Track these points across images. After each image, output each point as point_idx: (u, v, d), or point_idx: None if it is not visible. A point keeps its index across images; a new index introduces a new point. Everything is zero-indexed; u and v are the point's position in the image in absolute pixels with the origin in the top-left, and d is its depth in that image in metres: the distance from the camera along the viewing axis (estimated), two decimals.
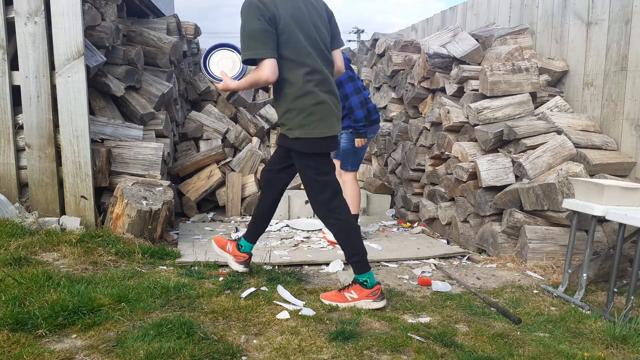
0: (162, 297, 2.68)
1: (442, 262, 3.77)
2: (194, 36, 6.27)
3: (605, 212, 2.77)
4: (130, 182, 3.88)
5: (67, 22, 3.69)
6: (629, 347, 2.34)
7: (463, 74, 4.34)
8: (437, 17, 6.47)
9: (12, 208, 3.65)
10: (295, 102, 2.59)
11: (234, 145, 5.83)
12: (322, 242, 4.20)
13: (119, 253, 3.36)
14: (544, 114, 4.00)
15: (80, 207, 3.82)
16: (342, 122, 3.62)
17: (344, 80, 3.97)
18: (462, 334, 2.46)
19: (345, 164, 4.25)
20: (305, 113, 2.59)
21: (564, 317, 2.68)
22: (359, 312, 2.64)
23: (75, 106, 3.76)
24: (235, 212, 5.34)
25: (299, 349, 2.20)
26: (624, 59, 3.75)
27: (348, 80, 3.99)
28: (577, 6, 4.20)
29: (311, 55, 2.59)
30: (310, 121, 2.60)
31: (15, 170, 3.84)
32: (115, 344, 2.16)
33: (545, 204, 3.43)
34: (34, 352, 2.02)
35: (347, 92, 3.98)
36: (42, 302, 2.44)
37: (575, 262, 3.18)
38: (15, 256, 2.99)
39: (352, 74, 4.10)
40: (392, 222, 5.12)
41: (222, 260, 3.26)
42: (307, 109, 2.58)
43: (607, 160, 3.62)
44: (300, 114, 2.59)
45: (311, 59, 2.58)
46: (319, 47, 2.63)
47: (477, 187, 3.91)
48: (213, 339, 2.24)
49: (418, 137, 4.96)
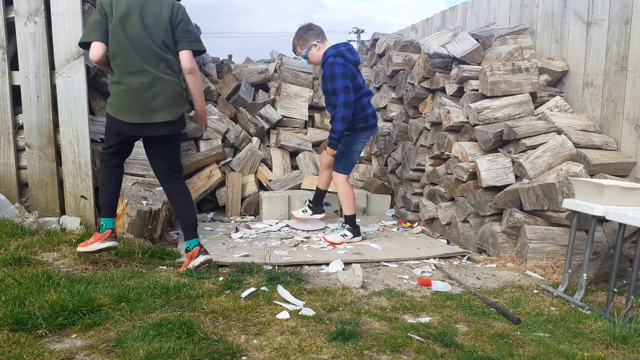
0: (162, 297, 2.68)
1: (442, 262, 3.77)
2: None
3: (605, 212, 2.77)
4: (130, 182, 3.88)
5: (67, 22, 3.69)
6: (629, 347, 2.34)
7: (463, 74, 4.34)
8: (437, 17, 6.47)
9: (12, 208, 3.65)
10: (111, 86, 3.14)
11: (234, 145, 5.83)
12: (322, 242, 4.20)
13: (119, 253, 3.36)
14: (544, 114, 4.00)
15: (80, 207, 3.83)
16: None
17: (338, 89, 3.96)
18: (462, 334, 2.46)
19: (337, 165, 4.27)
20: (113, 96, 3.12)
21: (564, 317, 2.68)
22: (359, 312, 2.64)
23: (75, 106, 3.76)
24: (236, 212, 5.34)
25: (299, 349, 2.20)
26: (624, 59, 3.76)
27: (342, 90, 3.96)
28: (577, 6, 4.20)
29: (128, 50, 3.02)
30: (114, 103, 3.11)
31: (15, 170, 3.84)
32: (115, 344, 2.16)
33: (545, 204, 3.43)
34: (34, 352, 2.03)
35: (338, 102, 3.98)
36: (42, 302, 2.44)
37: (575, 262, 3.18)
38: (15, 256, 2.99)
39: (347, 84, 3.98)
40: (392, 222, 5.12)
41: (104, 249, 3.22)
42: (115, 94, 3.11)
43: (607, 160, 3.62)
44: (112, 96, 3.14)
45: (127, 54, 3.03)
46: (143, 45, 3.04)
47: (477, 187, 3.91)
48: (213, 339, 2.24)
49: (418, 137, 4.96)
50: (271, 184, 5.56)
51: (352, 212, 4.25)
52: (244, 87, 6.24)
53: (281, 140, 5.94)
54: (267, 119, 6.04)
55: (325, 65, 4.04)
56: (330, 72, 3.98)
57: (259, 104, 6.15)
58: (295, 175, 5.74)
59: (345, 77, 3.98)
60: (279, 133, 6.01)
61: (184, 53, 3.12)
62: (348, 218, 4.27)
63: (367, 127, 4.23)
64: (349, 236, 4.19)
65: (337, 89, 3.97)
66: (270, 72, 6.71)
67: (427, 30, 6.58)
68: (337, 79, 3.96)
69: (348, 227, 4.23)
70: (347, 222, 4.27)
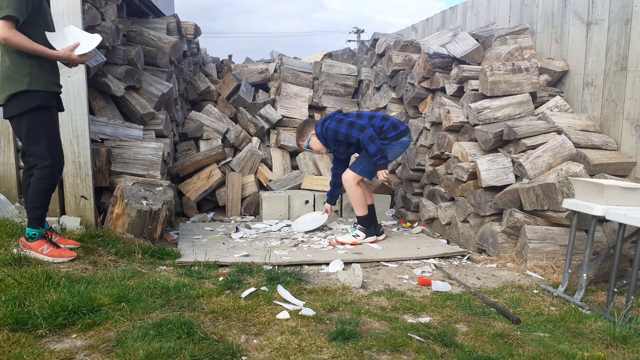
0: (162, 297, 2.68)
1: (442, 262, 3.77)
2: (193, 36, 6.27)
3: (605, 212, 2.77)
4: (130, 182, 3.88)
5: (67, 21, 3.68)
6: (628, 347, 2.34)
7: (463, 74, 4.34)
8: (437, 17, 6.47)
9: (12, 208, 3.65)
10: None
11: (234, 145, 5.83)
12: (322, 242, 4.20)
13: (119, 253, 3.36)
14: (544, 114, 4.00)
15: (80, 207, 3.83)
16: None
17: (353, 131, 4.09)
18: (462, 333, 2.46)
19: (356, 165, 4.20)
20: None
21: (564, 317, 2.68)
22: (359, 312, 2.64)
23: (75, 106, 3.76)
24: (235, 212, 5.34)
25: (299, 348, 2.20)
26: (624, 59, 3.76)
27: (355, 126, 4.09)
28: (577, 6, 4.20)
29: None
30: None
31: (16, 170, 3.84)
32: (115, 343, 2.16)
33: (545, 204, 3.43)
34: (34, 352, 2.03)
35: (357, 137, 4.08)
36: (42, 302, 2.44)
37: (575, 262, 3.18)
38: (15, 256, 2.99)
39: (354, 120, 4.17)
40: (392, 222, 5.12)
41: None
42: None
43: (607, 160, 3.62)
44: None
45: None
46: None
47: (477, 187, 3.91)
48: (213, 338, 2.24)
49: (418, 137, 4.97)
50: (271, 184, 5.56)
51: (364, 212, 4.22)
52: (244, 87, 6.25)
53: (281, 140, 5.94)
54: (267, 119, 6.05)
55: (331, 134, 4.19)
56: (336, 129, 4.14)
57: (259, 104, 6.15)
58: (295, 175, 5.74)
59: (348, 123, 4.13)
60: (279, 133, 6.01)
61: None
62: (360, 219, 4.25)
63: (400, 134, 4.15)
64: (361, 236, 4.17)
65: (352, 132, 4.09)
66: (270, 72, 6.72)
67: (427, 30, 6.58)
68: (347, 128, 4.12)
69: (360, 228, 4.21)
70: (360, 223, 4.25)
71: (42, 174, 3.05)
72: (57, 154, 3.11)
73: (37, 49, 2.92)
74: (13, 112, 3.00)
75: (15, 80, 2.93)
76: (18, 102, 2.96)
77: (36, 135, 3.03)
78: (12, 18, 2.82)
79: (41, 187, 3.07)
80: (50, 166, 3.05)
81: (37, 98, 2.97)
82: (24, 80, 2.93)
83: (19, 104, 2.96)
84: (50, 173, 3.07)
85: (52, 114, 3.11)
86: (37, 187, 3.07)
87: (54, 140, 3.10)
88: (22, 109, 2.97)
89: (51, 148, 3.06)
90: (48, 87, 3.02)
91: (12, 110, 3.00)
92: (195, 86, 6.28)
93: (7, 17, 2.81)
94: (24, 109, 2.97)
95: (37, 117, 3.00)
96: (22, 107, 2.97)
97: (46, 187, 3.08)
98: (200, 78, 6.36)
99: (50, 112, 3.08)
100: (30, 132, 3.02)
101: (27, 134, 3.02)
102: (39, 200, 3.08)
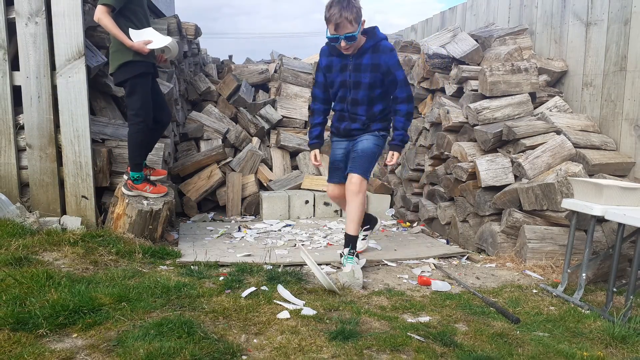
0: (162, 297, 2.69)
1: (442, 261, 3.78)
2: (194, 37, 6.27)
3: (604, 212, 2.77)
4: None
5: (68, 22, 3.70)
6: (628, 347, 2.35)
7: (462, 74, 4.34)
8: (436, 18, 6.48)
9: (13, 208, 3.66)
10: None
11: (234, 145, 5.84)
12: (323, 242, 4.21)
13: (120, 253, 3.37)
14: (543, 114, 4.01)
15: (81, 207, 3.83)
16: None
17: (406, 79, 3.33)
18: (461, 333, 2.47)
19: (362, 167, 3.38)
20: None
21: (563, 317, 2.69)
22: (358, 312, 2.65)
23: (76, 106, 3.77)
24: (236, 212, 5.35)
25: (299, 348, 2.21)
26: (623, 60, 3.76)
27: (408, 82, 3.33)
28: (576, 6, 4.21)
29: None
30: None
31: (16, 170, 3.85)
32: (116, 343, 2.17)
33: (544, 204, 3.44)
34: (34, 352, 2.03)
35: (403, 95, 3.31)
36: (42, 301, 2.45)
37: (575, 262, 3.18)
38: (16, 256, 3.00)
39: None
40: (391, 222, 5.13)
41: None
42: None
43: (606, 160, 3.63)
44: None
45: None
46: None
47: (477, 187, 3.91)
48: (213, 338, 2.25)
49: (417, 137, 4.97)
50: (271, 184, 5.57)
51: (358, 231, 3.40)
52: (244, 87, 6.25)
53: (281, 141, 5.95)
54: (268, 119, 6.05)
55: (382, 49, 3.21)
56: (395, 59, 3.23)
57: (259, 104, 6.16)
58: (295, 175, 5.75)
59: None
60: (279, 133, 6.02)
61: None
62: (353, 239, 3.33)
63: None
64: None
65: (405, 79, 3.26)
66: (271, 73, 6.72)
67: (426, 31, 6.59)
68: (401, 68, 3.29)
69: (350, 250, 3.31)
70: (351, 242, 3.32)
71: (137, 129, 3.68)
72: (149, 113, 3.71)
73: (118, 34, 3.50)
74: (122, 78, 3.63)
75: (123, 53, 3.56)
76: (125, 70, 3.59)
77: (135, 97, 3.64)
78: (109, 5, 3.48)
79: (137, 139, 3.71)
80: (143, 121, 3.67)
81: (140, 67, 3.61)
82: (130, 52, 3.55)
83: (126, 71, 3.60)
84: (143, 128, 3.68)
85: (149, 80, 3.73)
86: (134, 139, 3.71)
87: (147, 102, 3.68)
88: (128, 76, 3.61)
89: (145, 108, 3.66)
90: (147, 57, 3.64)
91: (120, 77, 3.63)
92: (196, 86, 6.28)
93: (106, 4, 3.47)
94: (128, 75, 3.60)
95: (137, 82, 3.63)
96: (128, 74, 3.60)
97: (141, 139, 3.72)
98: (201, 78, 6.37)
99: (148, 78, 3.70)
100: (131, 94, 3.64)
101: (128, 96, 3.67)
102: (137, 150, 3.74)
